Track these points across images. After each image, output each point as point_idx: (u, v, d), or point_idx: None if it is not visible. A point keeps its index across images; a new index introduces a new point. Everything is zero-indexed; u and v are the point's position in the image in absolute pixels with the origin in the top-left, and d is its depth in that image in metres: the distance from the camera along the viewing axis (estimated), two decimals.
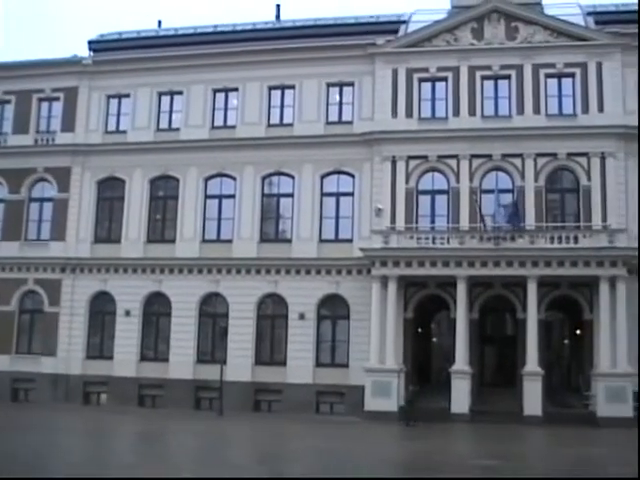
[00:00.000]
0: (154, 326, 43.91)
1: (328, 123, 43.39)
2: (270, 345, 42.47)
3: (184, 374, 42.01)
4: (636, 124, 39.69)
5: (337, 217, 42.49)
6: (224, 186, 44.07)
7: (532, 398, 36.80)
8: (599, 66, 40.87)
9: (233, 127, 44.42)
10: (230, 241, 43.25)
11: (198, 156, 43.94)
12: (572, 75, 41.27)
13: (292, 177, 43.22)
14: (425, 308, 42.11)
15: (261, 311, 42.70)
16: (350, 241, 41.67)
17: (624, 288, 37.41)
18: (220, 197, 44.10)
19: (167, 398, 42.06)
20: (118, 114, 46.04)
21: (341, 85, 43.55)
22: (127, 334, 43.28)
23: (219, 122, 44.80)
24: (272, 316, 42.68)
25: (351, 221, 42.12)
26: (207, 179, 44.23)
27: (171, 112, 45.41)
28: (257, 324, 42.44)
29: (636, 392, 36.38)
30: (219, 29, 46.48)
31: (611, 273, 37.46)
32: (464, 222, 40.42)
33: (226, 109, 44.74)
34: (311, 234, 42.34)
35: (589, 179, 40.17)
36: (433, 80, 42.47)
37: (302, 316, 41.53)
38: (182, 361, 42.24)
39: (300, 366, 40.93)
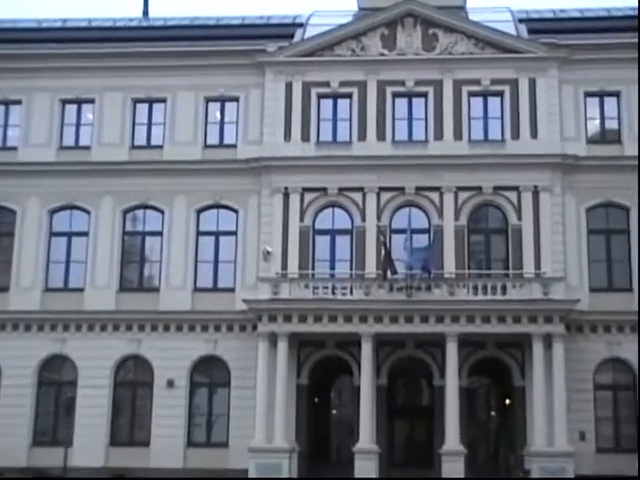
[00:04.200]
0: None
1: (206, 146, 39.55)
2: (130, 420, 37.68)
3: (14, 461, 35.75)
4: (575, 152, 37.96)
5: (216, 261, 38.71)
6: (75, 221, 39.31)
7: None
8: (532, 83, 38.55)
9: (87, 148, 39.67)
10: (81, 290, 38.30)
11: (41, 183, 38.92)
12: (500, 94, 38.80)
13: (161, 211, 39.04)
14: (323, 373, 38.59)
15: (119, 377, 37.83)
16: (232, 291, 37.81)
17: (562, 348, 34.68)
18: (69, 235, 39.15)
19: None
20: None
21: (223, 100, 39.84)
22: None
23: (69, 141, 40.01)
24: (133, 383, 37.98)
25: (233, 266, 38.34)
26: (52, 212, 39.23)
27: (6, 126, 40.40)
28: (114, 394, 37.51)
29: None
30: (69, 24, 42.30)
31: (546, 330, 34.74)
32: (370, 269, 36.98)
33: (78, 125, 40.11)
34: (184, 282, 38.17)
35: (519, 218, 37.50)
36: (335, 97, 39.35)
37: (171, 383, 36.94)
38: (12, 444, 36.18)
39: (167, 446, 36.29)
